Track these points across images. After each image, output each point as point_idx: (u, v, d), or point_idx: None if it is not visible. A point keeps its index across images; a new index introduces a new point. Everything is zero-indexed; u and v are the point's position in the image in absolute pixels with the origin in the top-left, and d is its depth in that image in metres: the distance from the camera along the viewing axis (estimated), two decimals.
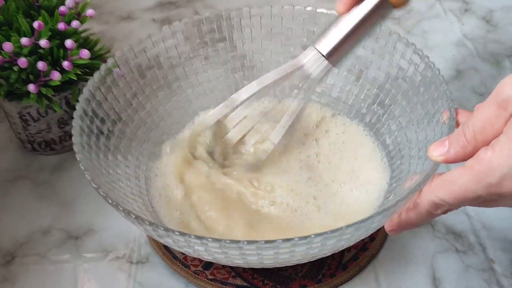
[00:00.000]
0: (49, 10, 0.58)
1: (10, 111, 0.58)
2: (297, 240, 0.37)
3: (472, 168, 0.36)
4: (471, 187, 0.36)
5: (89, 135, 0.48)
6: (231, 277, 0.49)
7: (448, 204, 0.38)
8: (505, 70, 0.70)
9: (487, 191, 0.36)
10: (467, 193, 0.37)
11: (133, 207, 0.47)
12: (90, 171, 0.44)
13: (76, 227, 0.55)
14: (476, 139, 0.37)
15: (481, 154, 0.36)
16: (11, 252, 0.53)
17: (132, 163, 0.52)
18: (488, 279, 0.49)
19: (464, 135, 0.38)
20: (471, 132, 0.37)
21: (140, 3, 0.86)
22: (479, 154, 0.36)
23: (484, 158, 0.36)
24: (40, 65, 0.53)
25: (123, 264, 0.52)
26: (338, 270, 0.49)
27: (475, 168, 0.36)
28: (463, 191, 0.37)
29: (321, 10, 0.56)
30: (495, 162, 0.35)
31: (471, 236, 0.52)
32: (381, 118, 0.55)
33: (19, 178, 0.60)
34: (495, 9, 0.80)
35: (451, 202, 0.38)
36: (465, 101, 0.66)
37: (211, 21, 0.57)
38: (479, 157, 0.36)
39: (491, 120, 0.36)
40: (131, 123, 0.54)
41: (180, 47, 0.57)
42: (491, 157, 0.35)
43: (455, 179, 0.37)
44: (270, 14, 0.57)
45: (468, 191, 0.36)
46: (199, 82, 0.59)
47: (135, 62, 0.54)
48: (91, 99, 0.50)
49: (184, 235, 0.38)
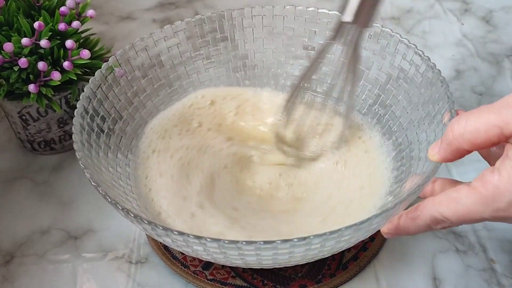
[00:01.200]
0: (50, 11, 0.58)
1: (10, 111, 0.58)
2: (296, 241, 0.37)
3: (478, 191, 0.36)
4: (476, 209, 0.36)
5: (89, 133, 0.48)
6: (231, 277, 0.49)
7: (449, 221, 0.38)
8: (504, 70, 0.70)
9: (493, 215, 0.36)
10: (472, 214, 0.36)
11: (133, 206, 0.47)
12: (90, 169, 0.44)
13: (76, 227, 0.55)
14: (463, 137, 0.36)
15: (487, 177, 0.36)
16: (10, 252, 0.53)
17: (132, 162, 0.52)
18: (489, 279, 0.49)
19: (451, 131, 0.37)
20: (461, 129, 0.36)
21: (140, 3, 0.86)
22: (484, 176, 0.36)
23: (491, 182, 0.35)
24: (41, 65, 0.53)
25: (122, 264, 0.52)
26: (338, 270, 0.49)
27: (481, 192, 0.36)
28: (468, 212, 0.36)
29: (323, 10, 0.56)
30: (502, 187, 0.35)
31: (471, 236, 0.52)
32: (382, 118, 0.55)
33: (19, 178, 0.60)
34: (495, 9, 0.80)
35: (454, 220, 0.37)
36: (465, 101, 0.66)
37: (213, 20, 0.57)
38: (485, 180, 0.36)
39: (487, 125, 0.36)
40: (132, 122, 0.54)
41: (181, 46, 0.57)
42: (498, 182, 0.35)
43: (460, 199, 0.37)
44: (272, 14, 0.58)
45: (473, 213, 0.36)
46: (201, 81, 0.59)
47: (137, 60, 0.54)
48: (92, 97, 0.50)
49: (183, 235, 0.38)
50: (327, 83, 0.57)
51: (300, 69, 0.59)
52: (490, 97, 0.67)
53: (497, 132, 0.35)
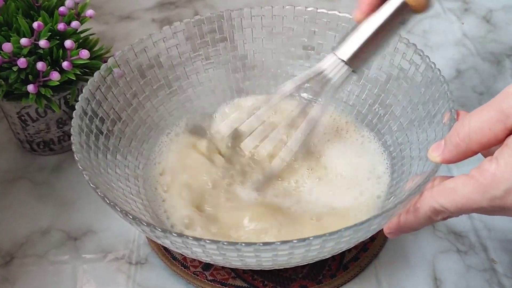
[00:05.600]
0: (49, 11, 0.58)
1: (9, 111, 0.58)
2: (295, 242, 0.36)
3: (476, 179, 0.36)
4: (474, 198, 0.36)
5: (88, 135, 0.48)
6: (231, 278, 0.49)
7: (449, 212, 0.38)
8: (505, 69, 0.70)
9: (491, 204, 0.36)
10: (470, 203, 0.36)
11: (132, 208, 0.46)
12: (89, 170, 0.44)
13: (75, 228, 0.55)
14: (470, 139, 0.37)
15: (485, 165, 0.36)
16: (10, 253, 0.53)
17: (131, 163, 0.52)
18: (490, 279, 0.49)
19: (457, 133, 0.37)
20: (466, 131, 0.37)
21: (140, 3, 0.85)
22: (482, 165, 0.36)
23: (488, 170, 0.35)
24: (40, 66, 0.53)
25: (122, 265, 0.52)
26: (339, 271, 0.49)
27: (479, 180, 0.35)
28: (466, 200, 0.36)
29: (322, 10, 0.56)
30: (499, 176, 0.35)
31: (472, 236, 0.52)
32: (382, 118, 0.55)
33: (18, 179, 0.60)
34: (495, 8, 0.80)
35: (452, 210, 0.37)
36: (465, 101, 0.66)
37: (212, 21, 0.57)
38: (482, 168, 0.36)
39: (490, 123, 0.36)
40: (131, 123, 0.54)
41: (181, 47, 0.57)
42: (495, 170, 0.35)
43: (457, 188, 0.37)
44: (271, 14, 0.57)
45: (471, 202, 0.36)
46: (200, 82, 0.59)
47: (136, 61, 0.54)
48: (91, 99, 0.50)
49: (182, 237, 0.38)
50: None
51: (300, 69, 0.59)
52: (490, 96, 0.65)
53: (501, 127, 0.35)
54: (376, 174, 0.52)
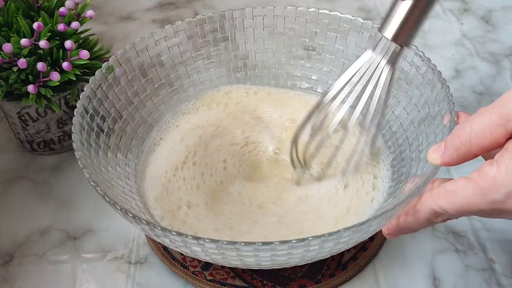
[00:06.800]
0: (49, 11, 0.58)
1: (9, 111, 0.58)
2: (294, 242, 0.37)
3: (476, 182, 0.36)
4: (474, 201, 0.36)
5: (89, 133, 0.48)
6: (230, 278, 0.49)
7: (448, 214, 0.38)
8: (504, 69, 0.70)
9: (491, 207, 0.36)
10: (469, 206, 0.36)
11: (132, 206, 0.47)
12: (89, 168, 0.44)
13: (75, 228, 0.55)
14: (471, 142, 0.37)
15: (485, 168, 0.36)
16: (10, 253, 0.53)
17: (132, 162, 0.52)
18: (488, 279, 0.49)
19: (458, 137, 0.37)
20: (467, 134, 0.37)
21: (140, 4, 0.85)
22: (483, 169, 0.36)
23: (488, 174, 0.35)
24: (40, 66, 0.53)
25: (121, 264, 0.52)
26: (338, 270, 0.49)
27: (479, 183, 0.36)
28: (465, 203, 0.36)
29: (324, 11, 0.56)
30: (500, 180, 0.35)
31: (471, 236, 0.52)
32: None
33: (18, 178, 0.60)
34: (494, 8, 0.80)
35: (452, 212, 0.37)
36: (464, 101, 0.66)
37: (213, 20, 0.57)
38: (483, 171, 0.36)
39: (491, 126, 0.36)
40: (132, 121, 0.54)
41: (182, 46, 0.57)
42: (495, 174, 0.35)
43: (457, 190, 0.37)
44: (273, 14, 0.58)
45: (471, 204, 0.36)
46: (201, 81, 0.59)
47: (137, 60, 0.54)
48: (92, 97, 0.50)
49: (181, 235, 0.38)
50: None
51: (301, 69, 0.59)
52: (489, 96, 0.66)
53: (502, 131, 0.35)
54: (376, 175, 0.52)
